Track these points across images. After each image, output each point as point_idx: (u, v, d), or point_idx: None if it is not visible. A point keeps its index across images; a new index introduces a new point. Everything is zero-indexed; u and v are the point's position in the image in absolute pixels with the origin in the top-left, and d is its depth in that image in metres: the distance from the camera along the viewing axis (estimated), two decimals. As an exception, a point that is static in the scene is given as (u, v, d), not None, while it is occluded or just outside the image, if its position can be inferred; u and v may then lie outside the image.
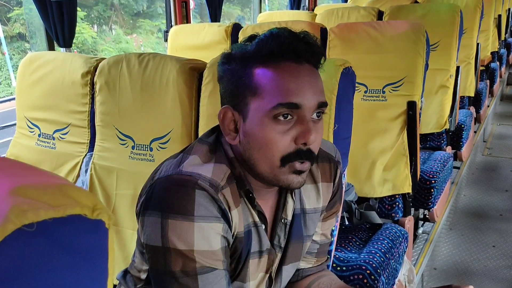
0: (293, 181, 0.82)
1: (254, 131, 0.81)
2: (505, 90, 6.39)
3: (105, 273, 0.41)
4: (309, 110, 0.80)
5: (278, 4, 12.97)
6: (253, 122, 0.81)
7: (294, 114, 0.79)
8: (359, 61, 1.89)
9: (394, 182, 1.94)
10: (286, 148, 0.80)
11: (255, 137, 0.81)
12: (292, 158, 0.80)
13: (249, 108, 0.81)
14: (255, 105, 0.80)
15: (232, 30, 2.50)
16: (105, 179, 1.55)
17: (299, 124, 0.79)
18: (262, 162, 0.81)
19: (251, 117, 0.81)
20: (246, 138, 0.82)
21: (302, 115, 0.79)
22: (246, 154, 0.83)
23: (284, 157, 0.80)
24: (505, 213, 3.20)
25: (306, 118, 0.79)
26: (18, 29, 10.27)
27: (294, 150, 0.80)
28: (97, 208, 0.38)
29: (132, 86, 1.47)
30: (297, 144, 0.80)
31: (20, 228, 0.33)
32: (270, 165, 0.81)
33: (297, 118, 0.79)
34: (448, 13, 2.57)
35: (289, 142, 0.80)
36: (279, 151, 0.80)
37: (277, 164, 0.80)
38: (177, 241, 0.76)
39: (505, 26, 5.32)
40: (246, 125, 0.82)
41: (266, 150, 0.80)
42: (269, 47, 0.79)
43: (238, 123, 0.83)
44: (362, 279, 1.47)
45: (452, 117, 2.69)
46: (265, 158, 0.81)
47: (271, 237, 0.93)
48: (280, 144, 0.79)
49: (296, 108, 0.79)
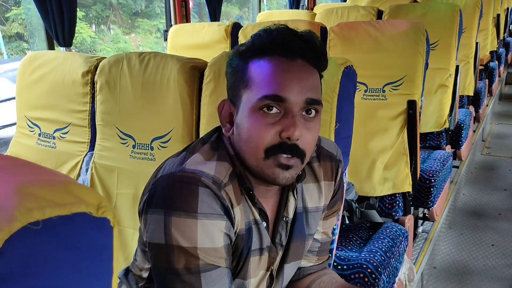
0: (279, 176, 0.81)
1: (242, 122, 0.82)
2: (504, 89, 6.40)
3: (110, 271, 0.41)
4: (296, 105, 0.80)
5: (277, 3, 12.96)
6: (242, 114, 0.82)
7: (281, 108, 0.80)
8: (359, 60, 1.88)
9: (394, 181, 1.94)
10: (270, 141, 0.80)
11: (243, 129, 0.82)
12: (275, 151, 0.80)
13: (241, 100, 0.83)
14: (245, 97, 0.82)
15: (232, 29, 2.51)
16: (105, 178, 1.55)
17: (285, 118, 0.79)
18: (249, 154, 0.82)
19: (241, 109, 0.83)
20: (237, 130, 0.84)
21: (288, 109, 0.79)
22: (237, 146, 0.85)
23: (267, 149, 0.80)
24: (504, 212, 3.20)
25: (293, 113, 0.79)
26: (16, 28, 10.24)
27: (278, 143, 0.80)
28: (102, 206, 0.38)
29: (132, 85, 1.47)
30: (282, 138, 0.79)
31: (26, 226, 0.33)
32: (255, 157, 0.81)
33: (284, 112, 0.80)
34: (448, 12, 2.57)
35: (273, 135, 0.80)
36: (263, 143, 0.80)
37: (261, 156, 0.81)
38: (180, 238, 0.77)
39: (504, 26, 5.33)
40: (238, 117, 0.84)
41: (251, 141, 0.81)
42: (262, 41, 0.81)
43: (233, 115, 0.85)
44: (363, 278, 1.47)
45: (452, 116, 2.69)
46: (250, 150, 0.82)
47: (273, 235, 0.93)
48: (264, 136, 0.79)
49: (282, 101, 0.79)
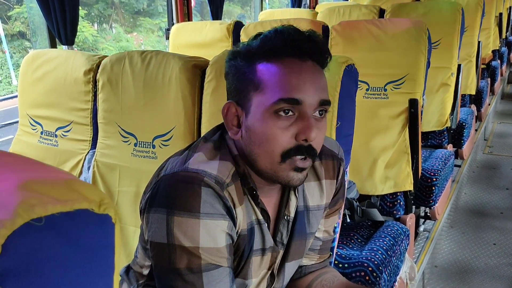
0: (293, 178, 0.82)
1: (255, 126, 0.81)
2: (506, 88, 6.38)
3: (111, 267, 0.41)
4: (310, 107, 0.79)
5: (279, 2, 12.95)
6: (254, 117, 0.81)
7: (295, 110, 0.79)
8: (361, 59, 1.88)
9: (396, 179, 1.94)
10: (286, 144, 0.79)
11: (256, 132, 0.81)
12: (292, 154, 0.80)
13: (251, 103, 0.81)
14: (257, 100, 0.80)
15: (233, 28, 2.51)
16: (107, 176, 1.55)
17: (300, 120, 0.79)
18: (263, 157, 0.81)
19: (253, 112, 0.81)
20: (247, 133, 0.82)
21: (303, 111, 0.79)
22: (247, 149, 0.83)
23: (284, 153, 0.80)
24: (506, 211, 3.20)
25: (308, 115, 0.79)
26: (18, 27, 10.26)
27: (295, 146, 0.79)
28: (104, 202, 0.39)
29: (134, 83, 1.47)
30: (298, 141, 0.79)
31: (28, 222, 0.33)
32: (270, 160, 0.81)
33: (298, 114, 0.79)
34: (450, 11, 2.56)
35: (290, 138, 0.79)
36: (279, 147, 0.79)
37: (277, 160, 0.80)
38: (182, 238, 0.77)
39: (506, 24, 5.31)
40: (248, 120, 0.82)
41: (267, 145, 0.80)
42: (273, 43, 0.80)
43: (241, 118, 0.84)
44: (364, 276, 1.47)
45: (453, 115, 2.68)
46: (265, 154, 0.81)
47: (274, 234, 0.93)
48: (280, 140, 0.79)
49: (298, 104, 0.78)
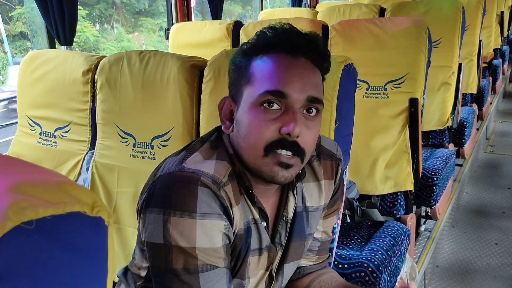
0: (278, 174, 0.81)
1: (242, 118, 0.82)
2: (508, 87, 6.37)
3: (104, 270, 0.41)
4: (297, 102, 0.80)
5: (280, 1, 12.95)
6: (243, 110, 0.82)
7: (282, 105, 0.80)
8: (360, 58, 1.89)
9: (396, 179, 1.93)
10: (270, 137, 0.79)
11: (243, 124, 0.82)
12: (275, 146, 0.79)
13: (242, 96, 0.83)
14: (247, 93, 0.82)
15: (233, 27, 2.50)
16: (106, 177, 1.55)
17: (285, 114, 0.79)
18: (247, 151, 0.82)
19: (242, 104, 0.83)
20: (236, 126, 0.84)
21: (290, 106, 0.79)
22: (235, 144, 0.84)
23: (267, 146, 0.79)
24: (508, 211, 3.19)
25: (294, 109, 0.79)
26: (20, 28, 10.28)
27: (277, 139, 0.79)
28: (97, 205, 0.38)
29: (133, 83, 1.47)
30: (281, 134, 0.79)
31: (19, 225, 0.32)
32: (253, 154, 0.81)
33: (285, 108, 0.80)
34: (450, 10, 2.55)
35: (273, 131, 0.79)
36: (262, 139, 0.79)
37: (260, 153, 0.80)
38: (179, 238, 0.76)
39: (508, 23, 5.30)
40: (238, 113, 0.84)
41: (250, 137, 0.80)
42: (267, 38, 0.82)
43: (234, 112, 0.85)
44: (364, 277, 1.46)
45: (454, 114, 2.68)
46: (249, 147, 0.81)
47: (272, 235, 0.92)
48: (264, 132, 0.79)
49: (283, 97, 0.79)
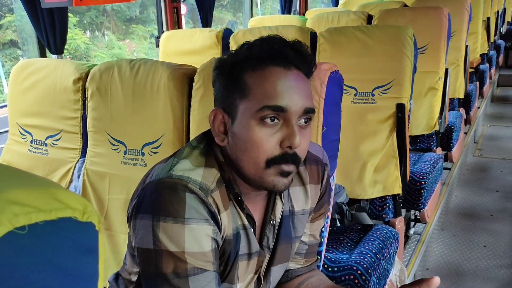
0: (279, 183, 0.83)
1: (241, 132, 0.82)
2: (496, 91, 6.46)
3: (95, 275, 0.41)
4: (295, 114, 0.81)
5: (271, 8, 13.01)
6: (240, 124, 0.82)
7: (280, 118, 0.81)
8: (348, 65, 1.92)
9: (385, 183, 1.96)
10: (271, 151, 0.81)
11: (242, 139, 0.82)
12: (278, 161, 0.81)
13: (237, 110, 0.83)
14: (243, 107, 0.82)
15: (223, 35, 2.53)
16: (97, 184, 1.56)
17: (285, 127, 0.81)
18: (248, 163, 0.83)
19: (239, 118, 0.83)
20: (233, 139, 0.84)
21: (288, 118, 0.81)
22: (233, 155, 0.85)
23: (269, 160, 0.81)
24: (496, 214, 3.23)
25: (292, 122, 0.81)
26: (10, 36, 10.22)
27: (280, 154, 0.81)
28: (87, 211, 0.39)
29: (123, 91, 1.48)
30: (283, 148, 0.81)
31: (12, 230, 0.33)
32: (255, 166, 0.82)
33: (283, 121, 0.81)
34: (436, 16, 2.60)
35: (275, 145, 0.81)
36: (264, 153, 0.81)
37: (262, 166, 0.82)
38: (168, 243, 0.78)
39: (495, 29, 5.38)
40: (234, 127, 0.84)
41: (252, 151, 0.82)
42: (259, 51, 0.82)
43: (227, 125, 0.85)
44: (353, 280, 1.49)
45: (442, 119, 2.72)
46: (250, 160, 0.82)
47: (260, 239, 0.94)
48: (265, 147, 0.81)
49: (282, 111, 0.80)
